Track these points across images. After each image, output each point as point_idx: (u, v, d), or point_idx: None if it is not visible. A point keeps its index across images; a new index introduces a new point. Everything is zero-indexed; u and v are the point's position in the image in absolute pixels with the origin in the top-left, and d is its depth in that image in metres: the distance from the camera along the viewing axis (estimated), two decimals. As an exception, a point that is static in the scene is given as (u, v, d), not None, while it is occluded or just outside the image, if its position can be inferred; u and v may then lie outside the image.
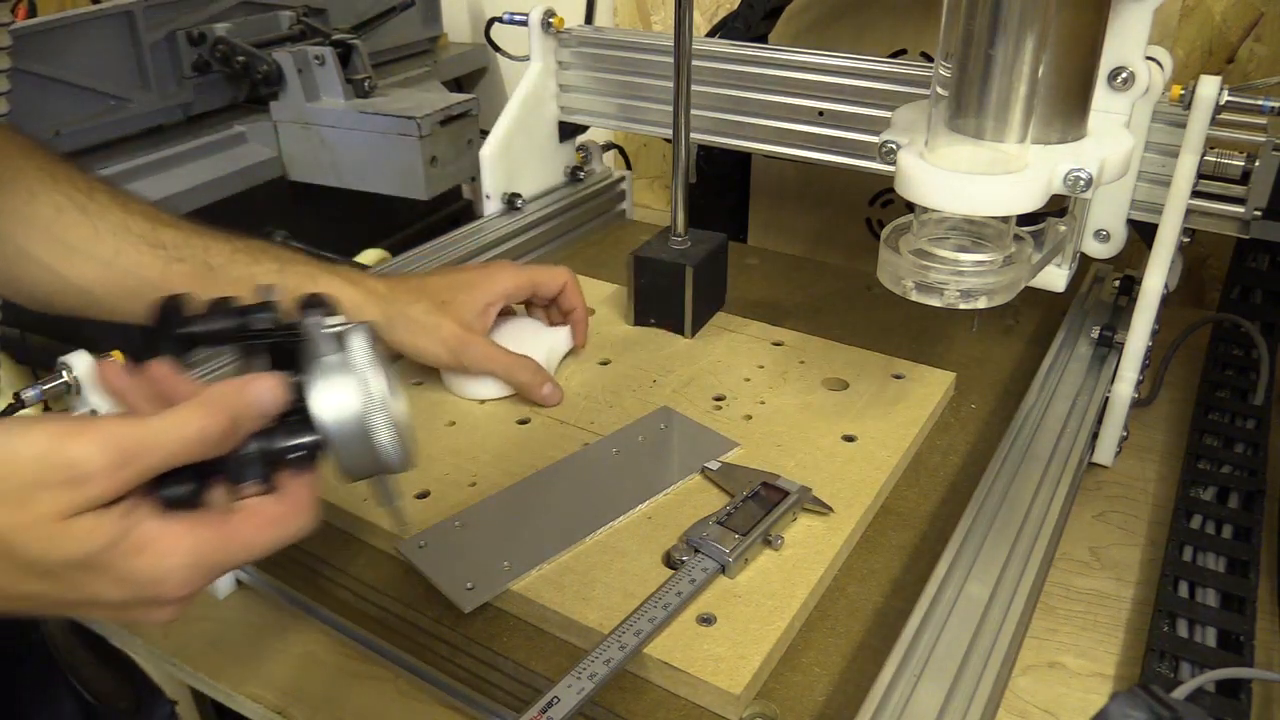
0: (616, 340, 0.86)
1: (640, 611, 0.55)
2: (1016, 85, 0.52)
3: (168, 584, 0.39)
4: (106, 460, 0.37)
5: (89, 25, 1.03)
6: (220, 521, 0.40)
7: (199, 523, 0.39)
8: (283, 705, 0.59)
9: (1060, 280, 0.70)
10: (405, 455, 0.42)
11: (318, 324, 0.41)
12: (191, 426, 0.39)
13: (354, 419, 0.40)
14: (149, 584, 0.39)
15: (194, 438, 0.39)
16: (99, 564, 0.38)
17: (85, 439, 0.37)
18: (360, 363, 0.41)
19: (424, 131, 1.10)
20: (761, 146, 0.94)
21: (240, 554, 0.40)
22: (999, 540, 0.58)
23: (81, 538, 0.37)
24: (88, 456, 0.36)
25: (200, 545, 0.39)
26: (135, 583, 0.38)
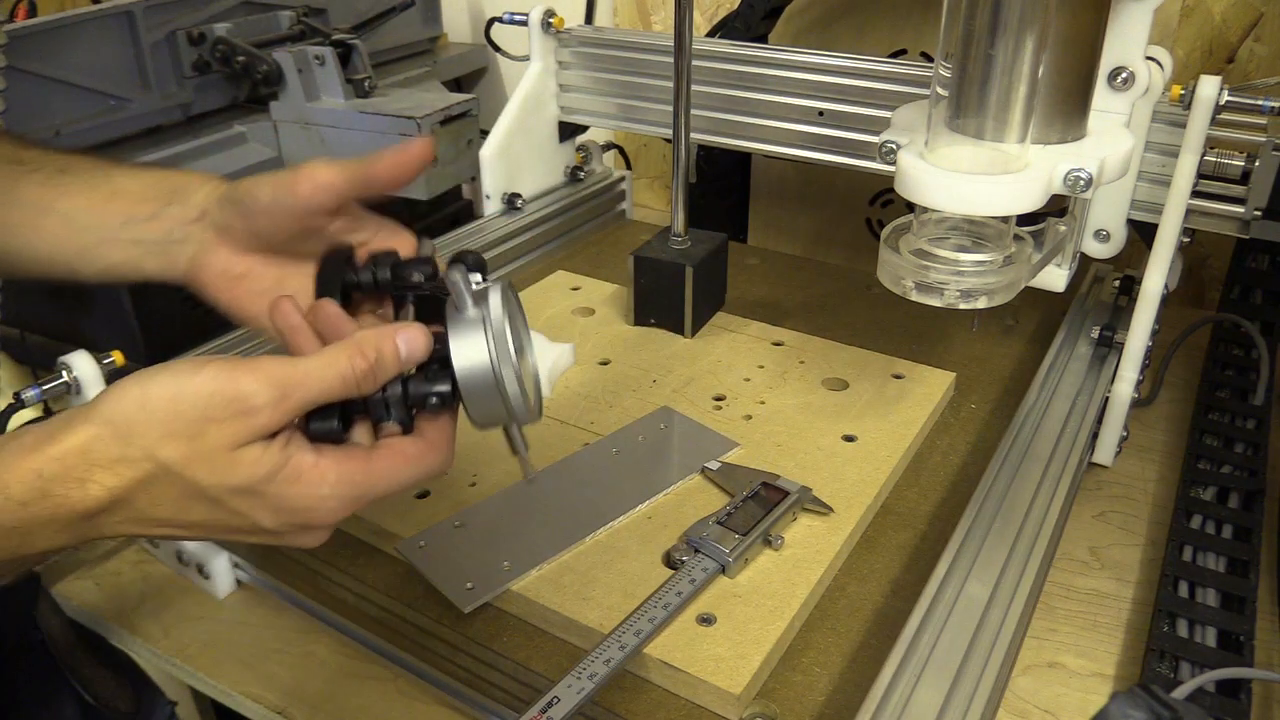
0: (616, 340, 0.86)
1: (640, 611, 0.55)
2: (1016, 85, 0.52)
3: (318, 511, 0.43)
4: (270, 395, 0.41)
5: (89, 25, 1.03)
6: (364, 457, 0.43)
7: (346, 457, 0.43)
8: (283, 705, 0.59)
9: (1060, 280, 0.70)
10: (530, 409, 0.45)
11: (462, 279, 0.44)
12: (340, 366, 0.43)
13: (483, 371, 0.43)
14: (302, 511, 0.42)
15: (342, 376, 0.42)
16: (261, 491, 0.41)
17: (251, 376, 0.41)
18: (495, 318, 0.44)
19: (424, 132, 1.10)
20: (761, 146, 0.94)
21: (382, 486, 0.44)
22: (999, 540, 0.58)
23: (248, 466, 0.41)
24: (254, 391, 0.40)
25: (347, 477, 0.43)
26: (290, 509, 0.42)
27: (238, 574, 0.67)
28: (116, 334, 0.96)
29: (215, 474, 0.41)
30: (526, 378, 0.45)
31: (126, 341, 0.95)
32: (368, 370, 0.43)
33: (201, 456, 0.40)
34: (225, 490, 0.41)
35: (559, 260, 1.03)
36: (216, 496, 0.41)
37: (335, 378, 0.42)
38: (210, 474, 0.41)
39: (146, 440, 0.40)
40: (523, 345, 0.47)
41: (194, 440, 0.40)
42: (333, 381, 0.42)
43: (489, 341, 0.43)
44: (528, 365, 0.47)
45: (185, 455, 0.40)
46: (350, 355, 0.43)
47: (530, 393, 0.45)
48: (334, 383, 0.42)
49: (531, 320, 0.87)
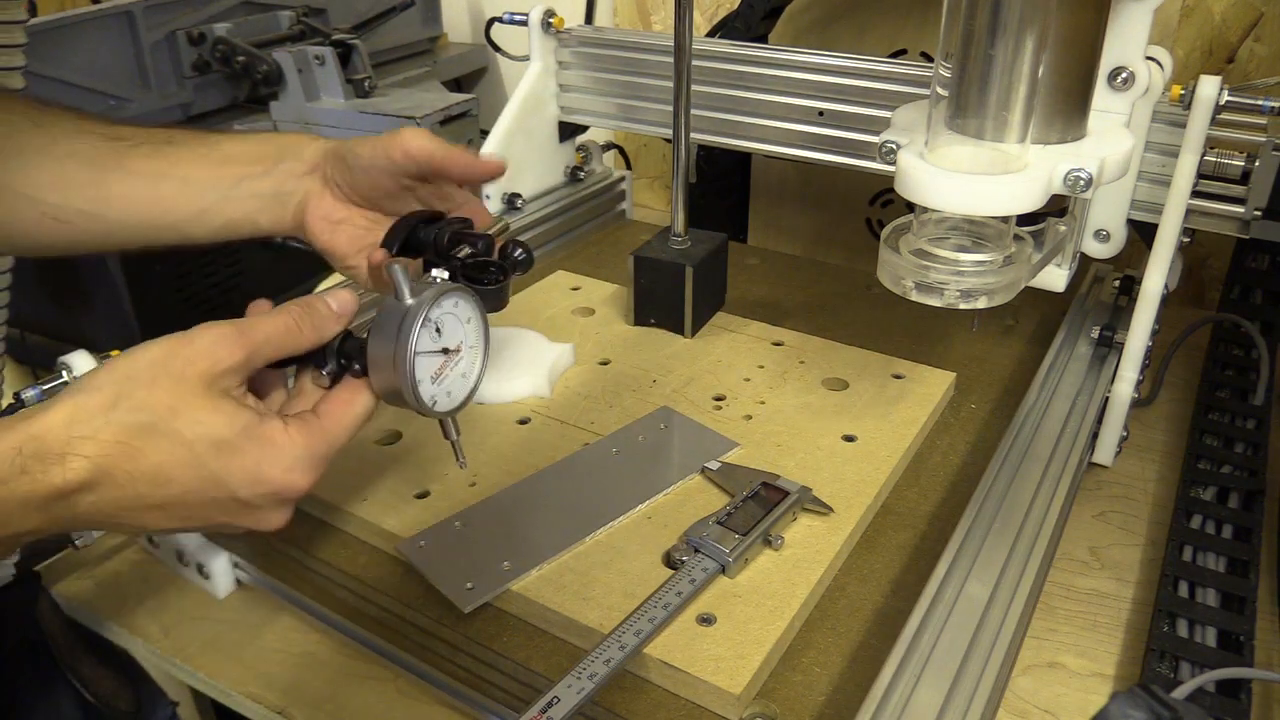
0: (616, 340, 0.86)
1: (640, 611, 0.55)
2: (1016, 85, 0.52)
3: (292, 475, 0.45)
4: (231, 332, 0.45)
5: (89, 25, 1.03)
6: (315, 419, 0.47)
7: (305, 423, 0.47)
8: (283, 705, 0.59)
9: (1060, 280, 0.70)
10: (424, 400, 0.48)
11: (401, 273, 0.48)
12: (285, 316, 0.48)
13: (384, 352, 0.47)
14: (276, 478, 0.45)
15: (285, 324, 0.47)
16: (240, 446, 0.44)
17: (216, 325, 0.46)
18: (415, 312, 0.47)
19: (424, 131, 1.10)
20: (761, 146, 0.94)
21: (338, 436, 0.48)
22: (999, 540, 0.58)
23: (226, 416, 0.44)
24: (219, 333, 0.45)
25: (314, 436, 0.46)
26: (266, 479, 0.45)
27: (238, 574, 0.67)
28: (116, 334, 0.96)
29: (199, 425, 0.43)
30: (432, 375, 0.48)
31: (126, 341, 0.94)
32: (300, 313, 0.48)
33: (185, 403, 0.43)
34: (208, 445, 0.43)
35: (559, 260, 1.03)
36: (199, 453, 0.43)
37: (281, 323, 0.47)
38: (194, 425, 0.43)
39: (134, 398, 0.42)
40: (459, 348, 0.50)
41: (175, 388, 0.43)
42: (279, 325, 0.47)
43: (400, 328, 0.46)
44: (456, 369, 0.50)
45: (171, 405, 0.43)
46: (285, 307, 0.49)
47: (440, 391, 0.49)
48: (280, 327, 0.47)
49: (531, 320, 0.87)
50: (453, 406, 0.50)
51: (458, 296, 0.49)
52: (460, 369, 0.50)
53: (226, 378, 0.45)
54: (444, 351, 0.49)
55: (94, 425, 0.41)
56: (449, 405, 0.50)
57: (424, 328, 0.47)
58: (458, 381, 0.50)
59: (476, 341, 0.51)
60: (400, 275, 0.48)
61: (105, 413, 0.42)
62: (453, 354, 0.49)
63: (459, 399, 0.50)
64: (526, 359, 0.79)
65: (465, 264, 0.55)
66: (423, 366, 0.47)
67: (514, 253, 0.58)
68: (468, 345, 0.50)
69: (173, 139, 0.64)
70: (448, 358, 0.49)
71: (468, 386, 0.51)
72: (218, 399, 0.44)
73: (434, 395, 0.49)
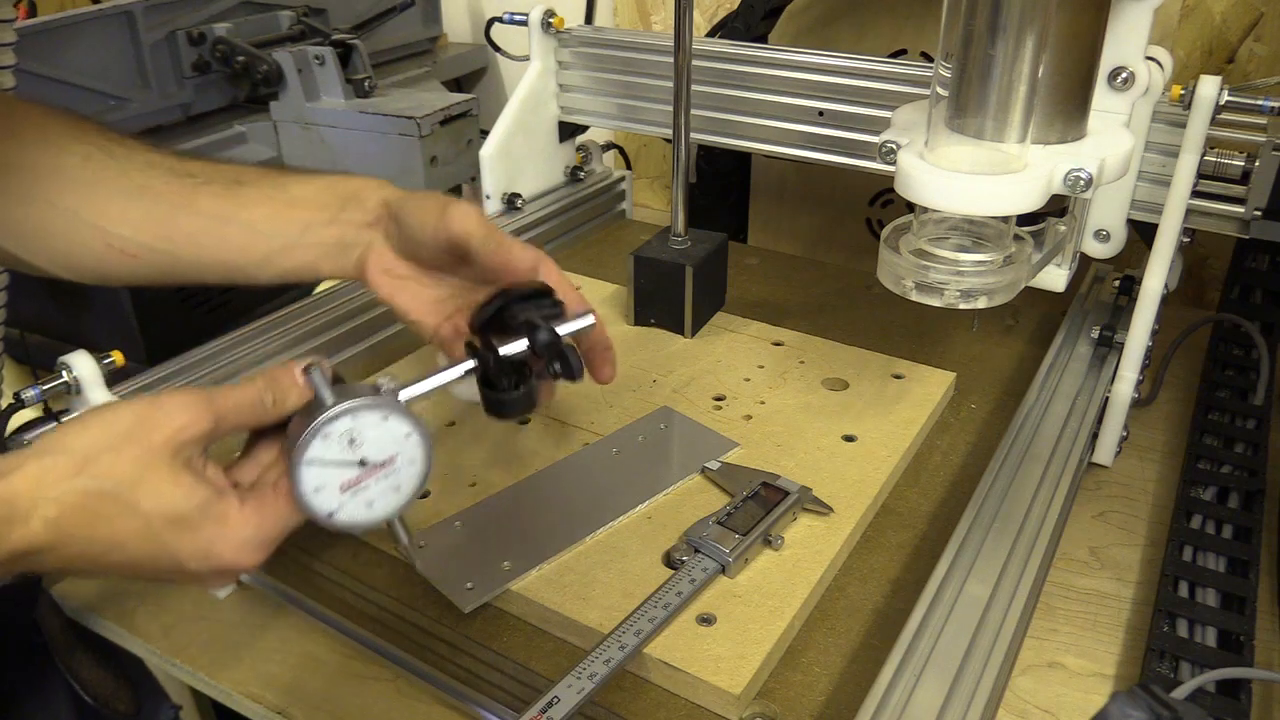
0: (616, 340, 0.86)
1: (640, 611, 0.55)
2: (1016, 85, 0.52)
3: (241, 553, 0.46)
4: (197, 401, 0.46)
5: (89, 25, 1.03)
6: (272, 497, 0.47)
7: (260, 502, 0.47)
8: (283, 705, 0.59)
9: (1060, 280, 0.70)
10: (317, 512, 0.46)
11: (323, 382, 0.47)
12: (255, 386, 0.48)
13: (292, 457, 0.46)
14: (226, 554, 0.45)
15: (250, 396, 0.48)
16: (195, 523, 0.45)
17: (182, 393, 0.46)
18: (315, 424, 0.45)
19: (424, 131, 1.11)
20: (761, 146, 0.94)
21: (291, 518, 0.47)
22: (999, 540, 0.58)
23: (185, 490, 0.44)
24: (184, 401, 0.45)
25: (263, 520, 0.46)
26: (216, 554, 0.45)
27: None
28: (116, 334, 0.96)
29: (157, 498, 0.44)
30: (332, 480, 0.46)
31: (126, 341, 0.95)
32: (265, 385, 0.48)
33: (147, 474, 0.44)
34: (163, 519, 0.44)
35: (559, 260, 1.02)
36: (154, 526, 0.44)
37: (248, 394, 0.48)
38: (152, 497, 0.44)
39: (100, 464, 0.43)
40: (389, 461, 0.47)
41: (140, 457, 0.44)
42: (247, 396, 0.48)
43: (299, 433, 0.46)
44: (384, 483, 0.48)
45: (132, 476, 0.43)
46: (253, 379, 0.49)
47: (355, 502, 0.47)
48: (248, 397, 0.48)
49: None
50: (373, 518, 0.48)
51: (389, 410, 0.47)
52: (390, 482, 0.48)
53: (190, 447, 0.45)
54: (361, 463, 0.47)
55: (59, 489, 0.42)
56: (367, 517, 0.47)
57: (323, 440, 0.45)
58: (385, 495, 0.48)
59: (417, 456, 0.48)
60: (319, 380, 0.47)
61: (70, 478, 0.43)
62: (376, 467, 0.47)
63: (382, 512, 0.48)
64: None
65: (490, 361, 0.53)
66: (317, 477, 0.46)
67: (553, 363, 0.54)
68: (405, 460, 0.48)
69: (241, 178, 0.63)
70: (368, 470, 0.47)
71: (399, 500, 0.48)
72: (179, 471, 0.44)
73: (341, 505, 0.47)
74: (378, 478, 0.47)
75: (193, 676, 0.62)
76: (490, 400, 0.54)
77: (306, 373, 0.47)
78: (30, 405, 0.64)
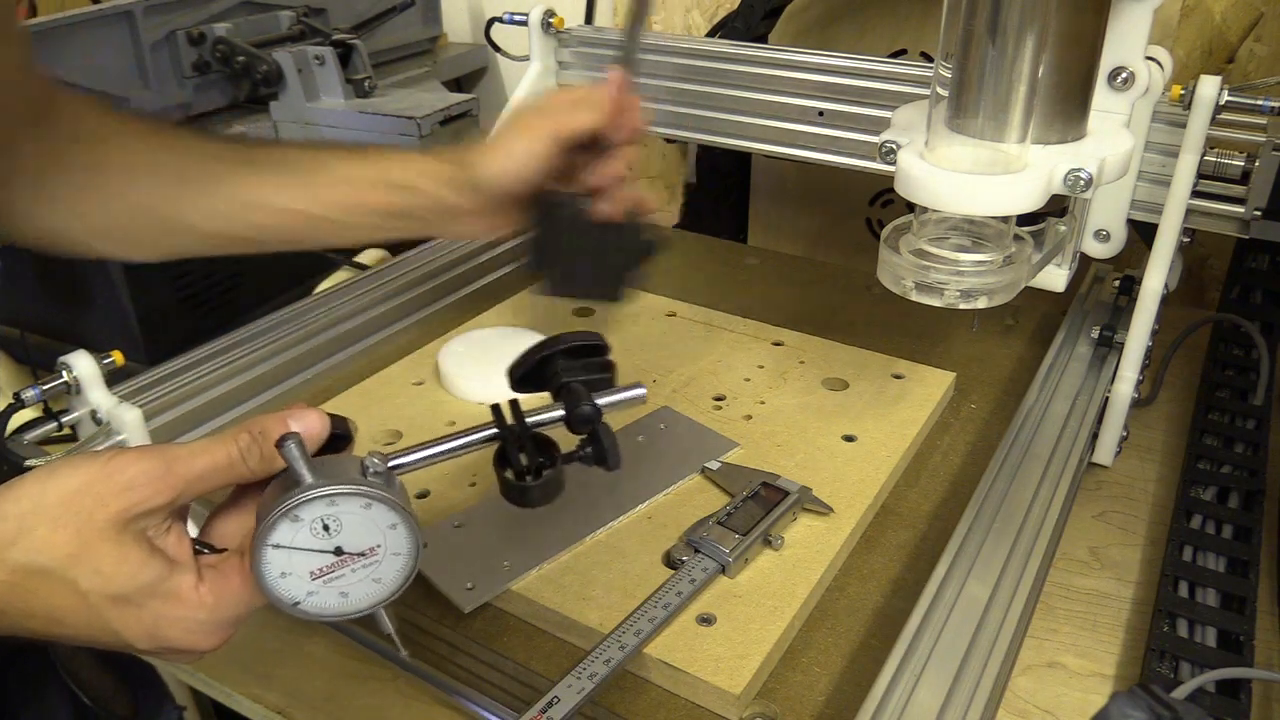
0: (616, 340, 0.86)
1: (640, 611, 0.55)
2: (1016, 85, 0.52)
3: (194, 635, 0.42)
4: (153, 468, 0.41)
5: (89, 25, 1.03)
6: (236, 573, 0.43)
7: (222, 580, 0.43)
8: (283, 705, 0.59)
9: (1060, 280, 0.70)
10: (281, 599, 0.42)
11: (300, 454, 0.42)
12: (225, 443, 0.42)
13: (260, 524, 0.41)
14: (177, 637, 0.42)
15: (226, 452, 0.42)
16: (140, 603, 0.41)
17: (136, 454, 0.41)
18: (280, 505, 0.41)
19: (424, 131, 1.10)
20: (761, 146, 0.94)
21: (256, 599, 0.43)
22: (999, 540, 0.58)
23: (131, 568, 0.40)
24: (138, 468, 0.41)
25: (221, 602, 0.42)
26: (164, 637, 0.42)
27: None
28: (116, 334, 0.96)
29: (97, 576, 0.40)
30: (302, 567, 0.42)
31: (126, 341, 0.95)
32: (250, 443, 0.43)
33: (87, 550, 0.40)
34: (103, 598, 0.40)
35: (559, 260, 1.03)
36: (94, 604, 0.40)
37: (219, 453, 0.42)
38: (92, 576, 0.40)
39: (34, 538, 0.39)
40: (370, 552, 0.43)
41: (81, 530, 0.40)
42: (216, 456, 0.42)
43: (268, 511, 0.41)
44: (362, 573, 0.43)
45: (70, 552, 0.40)
46: (236, 433, 0.43)
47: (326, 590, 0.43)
48: (218, 457, 0.42)
49: (531, 320, 0.87)
50: (346, 610, 0.43)
51: (374, 498, 0.42)
52: (369, 573, 0.43)
53: (143, 519, 0.41)
54: (337, 551, 0.42)
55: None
56: (340, 608, 0.43)
57: (292, 524, 0.41)
58: (363, 585, 0.43)
59: (403, 549, 0.43)
60: (295, 454, 0.41)
61: (3, 549, 0.39)
62: (352, 557, 0.42)
63: (358, 604, 0.43)
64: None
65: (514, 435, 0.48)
66: (284, 562, 0.41)
67: (586, 445, 0.49)
68: (389, 552, 0.43)
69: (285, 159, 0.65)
70: (344, 559, 0.42)
71: (379, 593, 0.44)
72: (126, 545, 0.40)
73: (310, 593, 0.42)
74: (355, 567, 0.43)
75: (193, 677, 0.62)
76: (506, 484, 0.49)
77: (281, 445, 0.41)
78: (30, 405, 0.64)
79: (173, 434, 0.72)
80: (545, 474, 0.49)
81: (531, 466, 0.49)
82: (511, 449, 0.49)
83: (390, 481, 0.44)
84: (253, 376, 0.78)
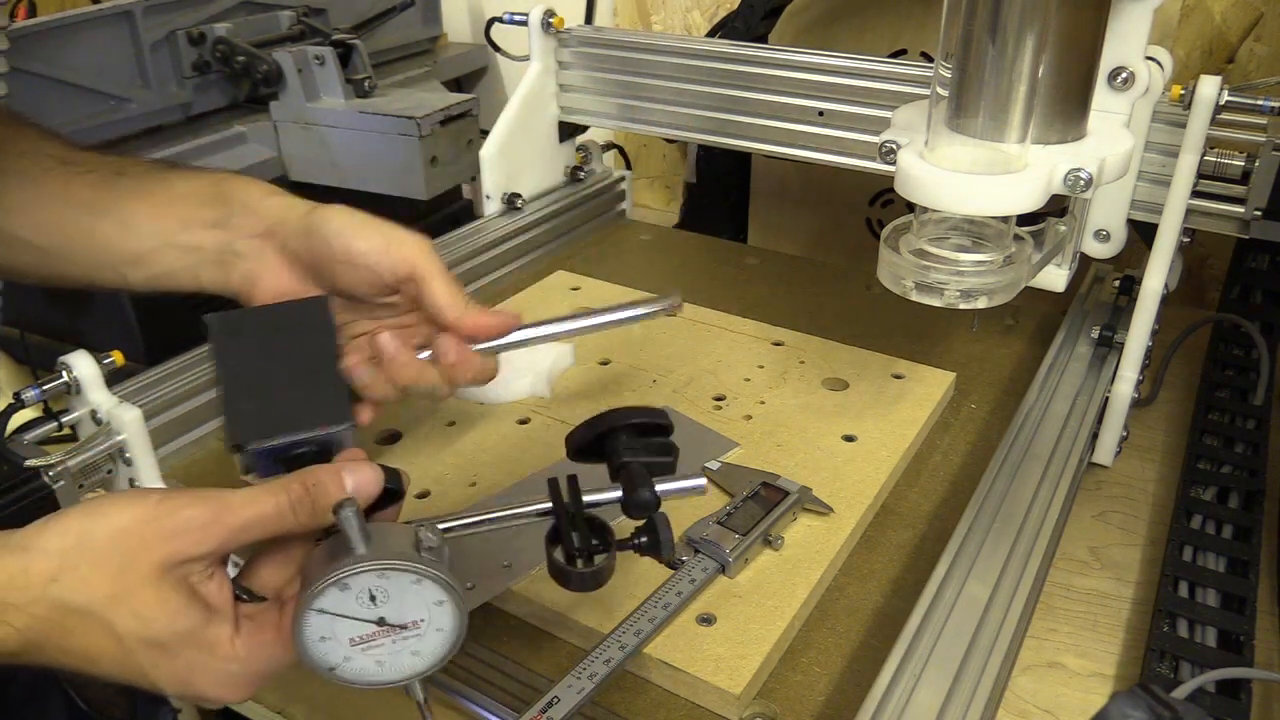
0: (617, 340, 0.86)
1: (640, 611, 0.55)
2: (1016, 85, 0.52)
3: (224, 688, 0.42)
4: (201, 516, 0.41)
5: (89, 25, 1.03)
6: (273, 626, 0.43)
7: (258, 632, 0.43)
8: (283, 705, 0.59)
9: (1060, 280, 0.70)
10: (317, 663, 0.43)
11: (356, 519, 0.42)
12: (274, 493, 0.42)
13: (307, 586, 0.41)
14: (208, 686, 0.42)
15: (276, 503, 0.42)
16: (174, 650, 0.41)
17: (186, 498, 0.41)
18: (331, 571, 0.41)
19: (424, 131, 1.10)
20: (761, 146, 0.94)
21: (289, 656, 0.43)
22: (999, 540, 0.58)
23: (169, 614, 0.40)
24: (187, 514, 0.41)
25: (254, 655, 0.42)
26: (193, 684, 0.42)
27: (238, 574, 0.67)
28: (116, 334, 0.96)
29: (134, 620, 0.40)
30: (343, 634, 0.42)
31: (126, 341, 0.95)
32: (301, 496, 0.42)
33: (128, 592, 0.39)
34: (139, 641, 0.40)
35: (559, 260, 1.03)
36: (129, 648, 0.40)
37: (269, 504, 0.42)
38: (130, 619, 0.40)
39: (75, 576, 0.39)
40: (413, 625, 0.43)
41: (124, 572, 0.39)
42: (266, 506, 0.42)
43: (315, 576, 0.41)
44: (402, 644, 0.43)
45: (111, 593, 0.39)
46: (287, 484, 0.43)
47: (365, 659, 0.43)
48: (267, 508, 0.42)
49: (531, 320, 0.87)
50: (381, 679, 0.44)
51: (425, 575, 0.42)
52: (409, 645, 0.43)
53: (186, 566, 0.41)
54: (380, 622, 0.42)
55: (29, 595, 0.39)
56: (375, 676, 0.43)
57: (340, 590, 0.41)
58: (400, 657, 0.43)
59: (446, 626, 0.43)
60: (351, 521, 0.41)
61: (44, 584, 0.39)
62: (394, 629, 0.42)
63: (393, 675, 0.44)
64: (526, 359, 0.79)
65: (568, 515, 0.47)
66: (326, 627, 0.42)
67: (637, 537, 0.48)
68: (433, 628, 0.43)
69: (124, 170, 0.58)
70: (385, 630, 0.42)
71: (416, 665, 0.44)
72: (166, 591, 0.40)
73: (347, 659, 0.43)
74: (395, 638, 0.43)
75: (193, 676, 0.62)
76: (556, 567, 0.48)
77: (338, 511, 0.41)
78: (30, 405, 0.64)
79: (173, 434, 0.72)
80: (597, 560, 0.48)
81: (584, 549, 0.48)
82: (565, 527, 0.48)
83: (442, 556, 0.44)
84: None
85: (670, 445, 0.50)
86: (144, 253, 0.56)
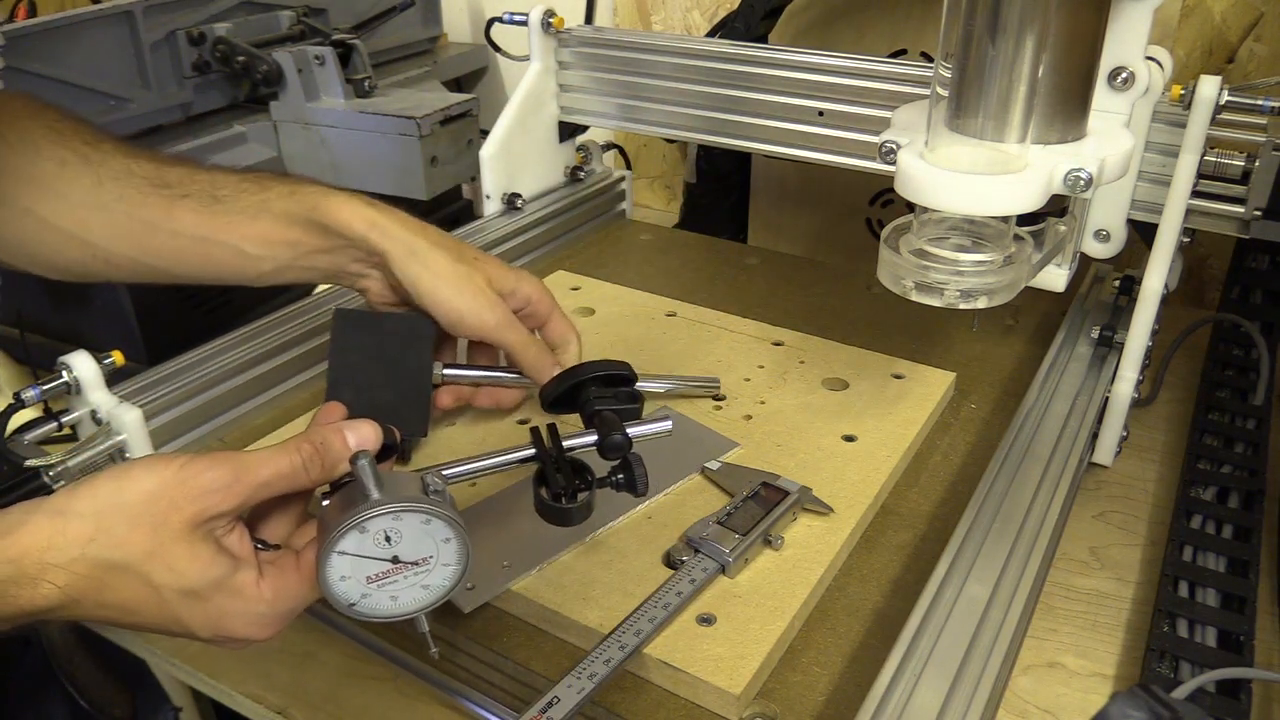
0: (617, 340, 0.86)
1: (640, 611, 0.55)
2: (1016, 85, 0.52)
3: (253, 627, 0.46)
4: (223, 477, 0.44)
5: (89, 25, 1.03)
6: (293, 570, 0.47)
7: (280, 576, 0.47)
8: (283, 705, 0.59)
9: (1060, 280, 0.70)
10: (339, 599, 0.46)
11: (370, 467, 0.46)
12: (288, 452, 0.46)
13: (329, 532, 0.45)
14: (238, 628, 0.46)
15: (290, 461, 0.46)
16: (207, 596, 0.45)
17: (208, 461, 0.44)
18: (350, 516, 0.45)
19: (424, 131, 1.10)
20: (761, 146, 0.94)
21: (309, 595, 0.47)
22: (999, 540, 0.58)
23: (201, 565, 0.44)
24: (211, 476, 0.44)
25: (278, 597, 0.46)
26: (227, 628, 0.46)
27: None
28: (116, 334, 0.96)
29: (170, 573, 0.43)
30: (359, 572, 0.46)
31: (126, 341, 0.95)
32: (312, 454, 0.47)
33: (162, 548, 0.43)
34: (175, 592, 0.44)
35: (559, 260, 1.03)
36: (166, 598, 0.44)
37: (283, 462, 0.46)
38: (165, 572, 0.43)
39: (114, 535, 0.43)
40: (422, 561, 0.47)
41: (157, 530, 0.43)
42: (281, 465, 0.46)
43: (335, 521, 0.45)
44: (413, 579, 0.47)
45: (147, 550, 0.43)
46: (298, 443, 0.47)
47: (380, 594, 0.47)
48: (282, 466, 0.46)
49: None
50: (395, 612, 0.48)
51: (434, 514, 0.46)
52: (419, 580, 0.47)
53: (212, 523, 0.45)
54: (394, 560, 0.46)
55: (69, 555, 0.42)
56: (389, 610, 0.47)
57: (359, 534, 0.45)
58: (412, 591, 0.47)
59: (452, 560, 0.47)
60: (366, 470, 0.46)
61: (82, 545, 0.42)
62: (407, 565, 0.47)
63: (406, 607, 0.48)
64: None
65: (551, 458, 0.52)
66: (346, 567, 0.46)
67: (617, 473, 0.53)
68: (440, 563, 0.47)
69: (217, 189, 0.63)
70: (398, 567, 0.47)
71: (426, 598, 0.48)
72: (196, 544, 0.44)
73: (364, 595, 0.47)
74: (407, 574, 0.47)
75: (193, 676, 0.62)
76: (545, 506, 0.53)
77: (354, 461, 0.46)
78: (30, 405, 0.64)
79: (173, 434, 0.72)
80: (581, 496, 0.53)
81: (569, 488, 0.52)
82: (550, 470, 0.52)
83: (446, 498, 0.48)
84: (253, 376, 0.78)
85: (636, 394, 0.55)
86: (263, 274, 0.64)
